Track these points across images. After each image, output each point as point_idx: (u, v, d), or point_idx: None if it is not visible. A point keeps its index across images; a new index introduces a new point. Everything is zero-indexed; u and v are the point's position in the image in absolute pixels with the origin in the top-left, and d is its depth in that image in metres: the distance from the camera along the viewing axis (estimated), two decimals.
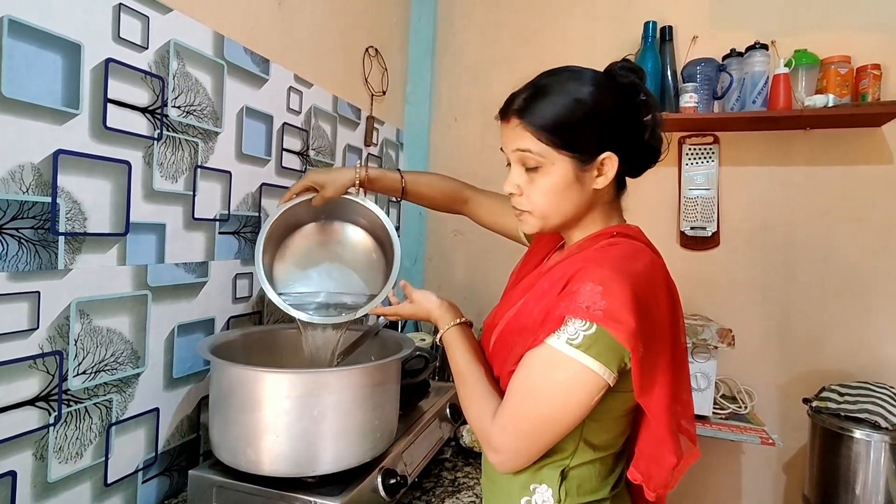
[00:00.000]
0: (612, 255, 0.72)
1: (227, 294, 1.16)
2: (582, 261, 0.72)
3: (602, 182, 0.75)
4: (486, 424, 0.73)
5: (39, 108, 0.76)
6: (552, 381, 0.68)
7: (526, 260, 0.95)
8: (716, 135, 1.78)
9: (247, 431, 0.84)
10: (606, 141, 0.73)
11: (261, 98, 1.22)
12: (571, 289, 0.68)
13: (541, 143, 0.73)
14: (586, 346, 0.65)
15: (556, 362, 0.67)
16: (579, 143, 0.72)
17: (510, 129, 0.76)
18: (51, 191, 0.78)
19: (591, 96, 0.72)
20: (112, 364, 0.89)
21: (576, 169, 0.73)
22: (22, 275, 0.74)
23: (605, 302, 0.65)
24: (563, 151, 0.72)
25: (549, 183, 0.74)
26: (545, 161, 0.73)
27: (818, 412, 1.48)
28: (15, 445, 0.75)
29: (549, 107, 0.72)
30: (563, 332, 0.67)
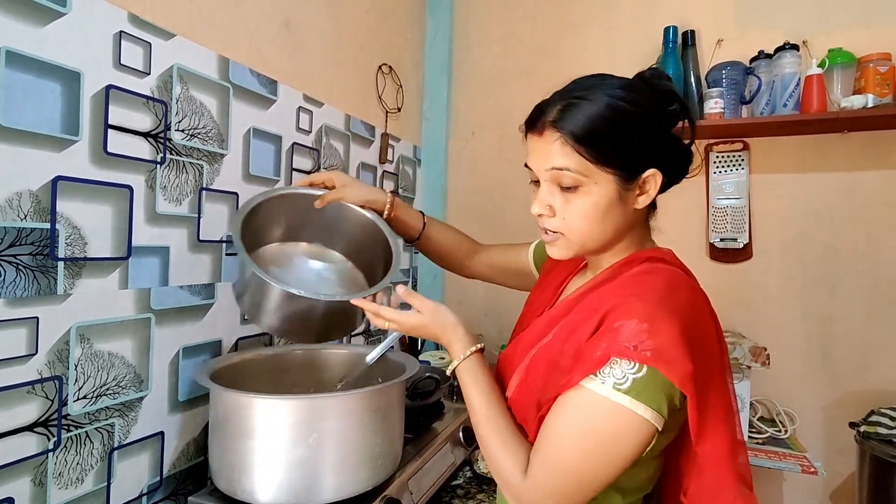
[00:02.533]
0: (651, 285, 0.64)
1: (235, 315, 1.15)
2: (618, 293, 0.64)
3: (644, 201, 0.68)
4: (515, 479, 0.64)
5: (38, 136, 0.77)
6: (598, 431, 0.60)
7: (543, 285, 0.88)
8: (745, 141, 1.69)
9: (242, 459, 0.82)
10: (651, 154, 0.67)
11: (269, 119, 1.23)
12: (612, 325, 0.61)
13: (582, 159, 0.64)
14: (637, 392, 0.58)
15: (601, 410, 0.59)
16: (624, 158, 0.65)
17: (544, 143, 0.67)
18: (49, 217, 0.79)
19: (633, 105, 0.65)
20: (114, 388, 0.89)
21: (619, 188, 0.65)
22: (20, 301, 0.75)
23: (654, 341, 0.58)
24: (607, 168, 0.64)
25: (590, 204, 0.66)
26: (586, 180, 0.65)
27: (867, 438, 1.36)
28: (13, 472, 0.75)
29: (590, 117, 0.64)
30: (607, 375, 0.59)
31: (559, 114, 0.65)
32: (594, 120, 0.64)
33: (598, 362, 0.60)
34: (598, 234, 0.68)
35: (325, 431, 0.83)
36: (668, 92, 0.69)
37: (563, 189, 0.67)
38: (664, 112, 0.69)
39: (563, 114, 0.65)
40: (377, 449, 0.89)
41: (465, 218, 2.08)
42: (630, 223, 0.70)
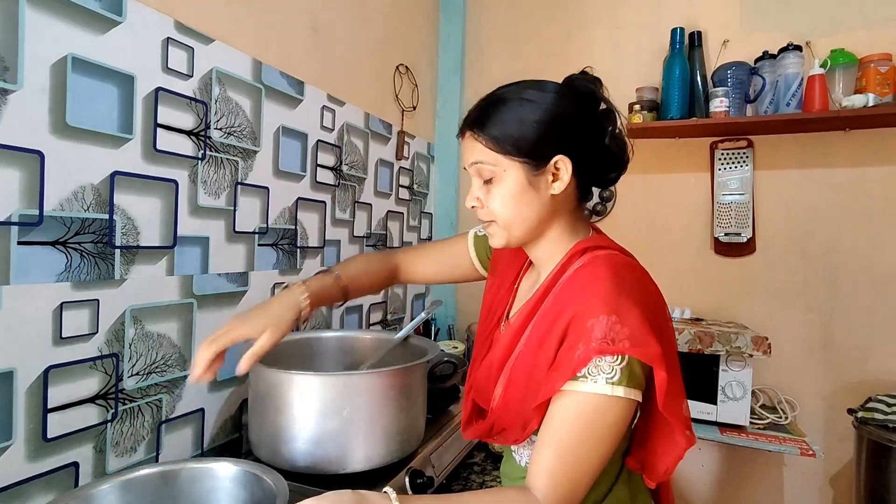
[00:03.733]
0: (601, 277, 0.69)
1: None
2: (576, 296, 0.69)
3: (559, 187, 0.73)
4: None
5: (98, 135, 0.84)
6: (605, 425, 0.65)
7: (496, 285, 0.90)
8: (749, 138, 1.75)
9: (281, 431, 0.90)
10: (559, 145, 0.71)
11: (296, 117, 1.30)
12: (584, 326, 0.65)
13: (490, 152, 0.72)
14: (626, 380, 0.64)
15: (601, 406, 0.64)
16: (527, 148, 0.71)
17: (465, 143, 0.76)
18: (108, 208, 0.86)
19: (542, 102, 0.71)
20: (162, 366, 0.97)
21: (528, 174, 0.72)
22: (84, 284, 0.83)
23: (626, 329, 0.64)
24: (513, 157, 0.71)
25: (505, 190, 0.72)
26: (497, 169, 0.72)
27: (864, 423, 1.42)
28: (78, 438, 0.83)
29: (499, 115, 0.72)
30: (596, 373, 0.64)
31: (475, 114, 0.74)
32: (497, 116, 0.72)
33: (579, 363, 0.64)
34: (519, 218, 0.73)
35: (356, 406, 0.90)
36: (589, 93, 0.75)
37: (484, 182, 0.74)
38: (585, 110, 0.74)
39: (474, 115, 0.74)
40: (402, 424, 0.96)
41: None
42: (552, 208, 0.74)
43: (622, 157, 0.77)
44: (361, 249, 1.62)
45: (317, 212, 1.40)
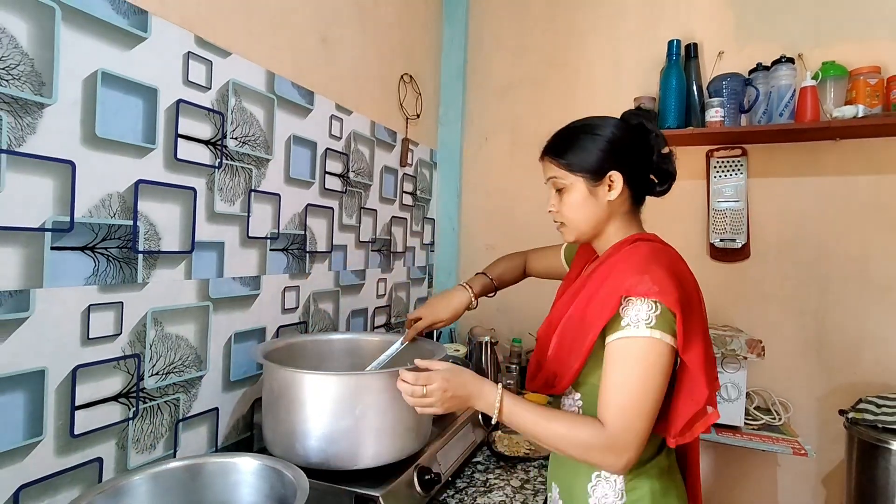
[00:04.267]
0: (639, 254, 0.87)
1: (277, 305, 1.27)
2: (618, 263, 0.88)
3: (613, 195, 0.91)
4: (600, 438, 0.80)
5: (124, 145, 0.89)
6: (648, 363, 0.79)
7: (569, 276, 1.10)
8: (744, 147, 1.81)
9: (295, 428, 0.94)
10: (612, 163, 0.91)
11: (306, 126, 1.35)
12: (620, 280, 0.83)
13: (561, 170, 0.93)
14: (660, 325, 0.79)
15: (643, 348, 0.80)
16: (588, 167, 0.91)
17: (544, 164, 0.97)
18: (133, 215, 0.91)
19: (600, 131, 0.92)
20: (180, 367, 1.01)
21: (588, 186, 0.92)
22: (109, 287, 0.87)
23: (653, 282, 0.80)
24: (577, 173, 0.92)
25: (571, 198, 0.93)
26: (566, 182, 0.93)
27: (855, 424, 1.47)
28: (102, 435, 0.87)
29: (567, 142, 0.94)
30: (637, 321, 0.80)
31: (550, 143, 0.97)
32: (565, 144, 0.93)
33: (615, 305, 0.82)
34: (583, 219, 0.93)
35: (367, 405, 0.94)
36: (639, 125, 0.94)
37: (557, 192, 0.96)
38: (637, 137, 0.93)
39: (550, 144, 0.97)
40: (411, 422, 1.00)
41: (478, 218, 2.20)
42: (608, 212, 0.93)
43: (669, 171, 0.95)
44: (367, 254, 1.67)
45: (325, 217, 1.45)
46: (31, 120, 0.76)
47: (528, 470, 1.25)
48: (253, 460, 0.79)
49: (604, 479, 0.88)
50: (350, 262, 1.58)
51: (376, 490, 0.92)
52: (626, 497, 0.87)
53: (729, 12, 1.83)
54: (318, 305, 1.43)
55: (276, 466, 0.77)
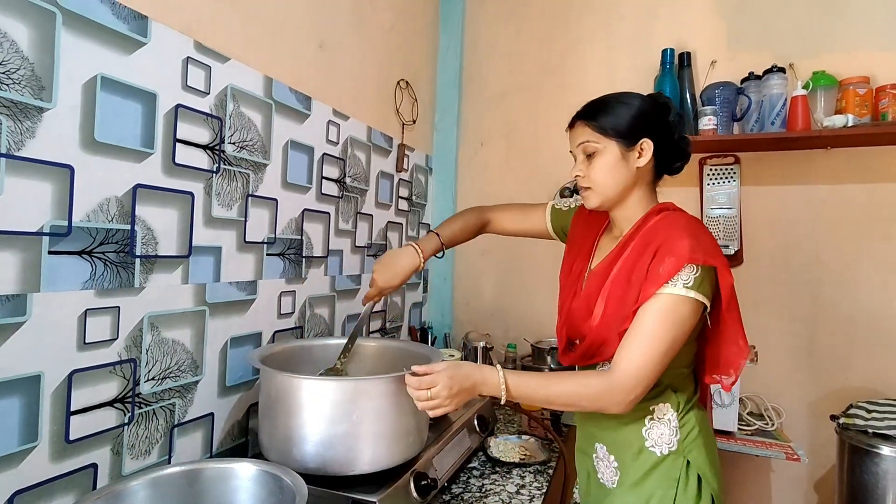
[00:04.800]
0: (680, 222, 0.93)
1: (273, 310, 1.27)
2: (661, 232, 0.92)
3: (642, 161, 0.97)
4: (608, 384, 0.87)
5: (123, 150, 0.89)
6: (676, 316, 0.86)
7: (575, 250, 1.12)
8: (736, 155, 1.83)
9: (292, 434, 0.94)
10: (644, 131, 0.97)
11: (303, 132, 1.35)
12: (672, 247, 0.88)
13: (596, 134, 0.97)
14: (697, 286, 0.87)
15: (676, 302, 0.87)
16: (623, 131, 0.96)
17: (574, 131, 1.01)
18: (130, 219, 0.90)
19: (633, 102, 0.98)
20: (175, 372, 1.00)
21: (622, 150, 0.96)
22: (106, 292, 0.87)
23: (701, 248, 0.87)
24: (612, 138, 0.96)
25: (603, 161, 0.97)
26: (599, 146, 0.97)
27: (846, 429, 1.48)
28: (97, 441, 0.86)
29: (603, 109, 0.98)
30: (677, 280, 0.86)
31: (584, 109, 1.01)
32: (602, 110, 0.98)
33: (672, 270, 0.87)
34: (612, 184, 0.97)
35: (365, 410, 0.94)
36: (665, 105, 1.01)
37: (587, 157, 0.99)
38: (662, 114, 0.99)
39: (584, 110, 1.01)
40: (408, 427, 1.00)
41: None
42: (635, 180, 0.98)
43: (686, 151, 1.02)
44: (362, 260, 1.67)
45: (321, 222, 1.45)
46: (30, 124, 0.76)
47: (523, 475, 1.25)
48: (251, 466, 0.79)
49: (657, 419, 0.96)
50: (346, 267, 1.58)
51: (373, 496, 0.92)
52: (680, 432, 0.95)
53: (722, 22, 1.86)
54: (313, 310, 1.43)
55: (275, 472, 0.77)
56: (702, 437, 0.96)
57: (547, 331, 2.03)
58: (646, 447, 0.96)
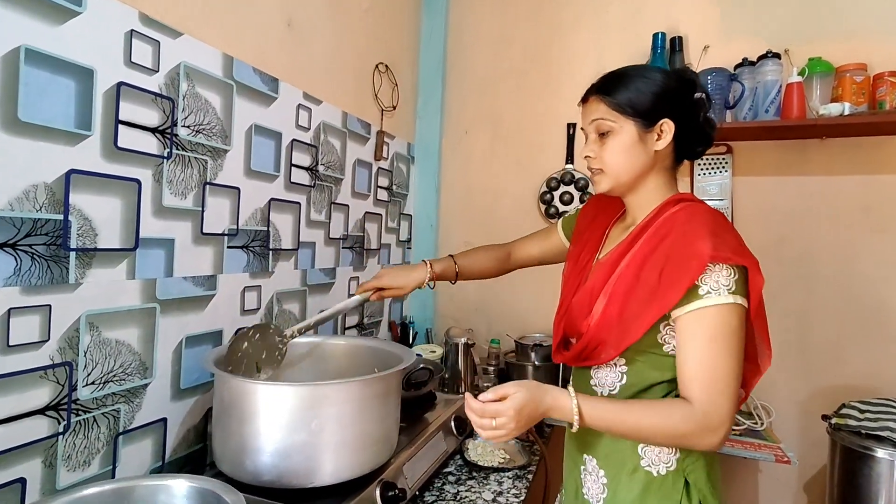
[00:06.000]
0: (700, 214, 0.83)
1: (236, 306, 1.19)
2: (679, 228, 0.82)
3: (661, 144, 0.88)
4: (692, 421, 0.77)
5: (52, 131, 0.80)
6: (731, 328, 0.78)
7: (583, 241, 1.03)
8: (729, 144, 1.76)
9: (245, 443, 0.86)
10: (665, 111, 0.87)
11: (269, 116, 1.26)
12: (693, 246, 0.78)
13: (612, 111, 0.87)
14: (739, 289, 0.78)
15: (728, 313, 0.78)
16: (642, 110, 0.86)
17: (588, 106, 0.91)
18: (63, 208, 0.82)
19: (656, 77, 0.88)
20: (120, 375, 0.92)
21: (639, 130, 0.87)
22: (34, 289, 0.78)
23: (727, 246, 0.78)
24: (629, 116, 0.86)
25: (618, 142, 0.88)
26: (615, 125, 0.87)
27: (838, 430, 1.43)
28: (25, 453, 0.78)
29: (621, 83, 0.88)
30: (718, 287, 0.77)
31: (600, 83, 0.91)
32: (620, 84, 0.88)
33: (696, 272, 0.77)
34: (625, 167, 0.88)
35: (326, 417, 0.87)
36: (691, 81, 0.91)
37: (600, 136, 0.89)
38: (686, 91, 0.89)
39: (601, 83, 0.91)
40: (374, 435, 0.93)
41: (457, 214, 2.12)
42: (651, 164, 0.89)
43: (710, 135, 0.92)
44: (337, 252, 1.59)
45: (291, 213, 1.36)
46: None
47: (501, 481, 1.18)
48: (187, 483, 0.71)
49: None
50: (319, 260, 1.49)
51: None
52: (680, 451, 0.86)
53: (715, 5, 1.78)
54: (282, 306, 1.35)
55: (215, 489, 0.69)
56: (704, 455, 0.87)
57: (531, 326, 1.96)
58: (641, 466, 0.87)
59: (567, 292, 0.99)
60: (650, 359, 0.86)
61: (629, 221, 0.96)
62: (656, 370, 0.86)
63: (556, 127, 1.98)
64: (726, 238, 0.79)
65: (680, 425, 0.77)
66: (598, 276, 0.91)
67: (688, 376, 0.79)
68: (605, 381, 0.91)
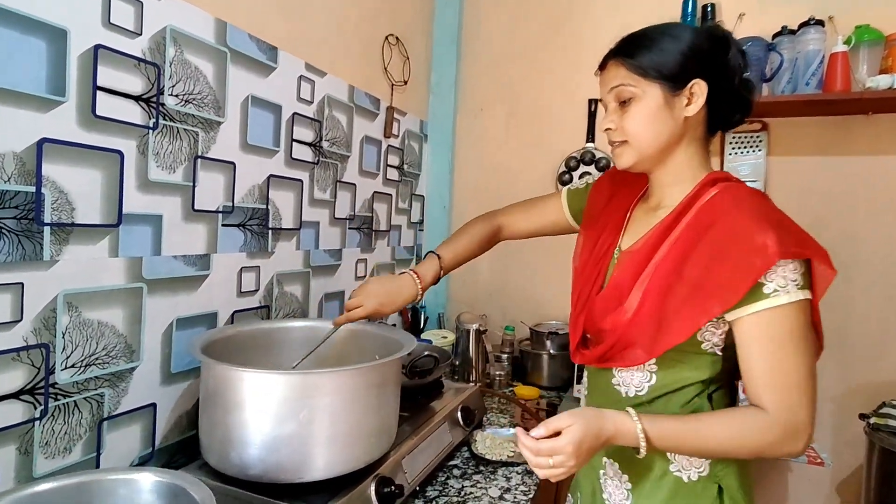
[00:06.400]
0: (750, 199, 0.74)
1: (232, 288, 1.13)
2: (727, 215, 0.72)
3: (692, 109, 0.77)
4: (776, 430, 0.70)
5: (21, 96, 0.74)
6: (804, 326, 0.70)
7: (599, 225, 0.92)
8: (764, 121, 1.63)
9: (231, 434, 0.80)
10: (695, 72, 0.76)
11: (268, 87, 1.19)
12: (751, 240, 0.68)
13: (633, 75, 0.77)
14: (808, 282, 0.70)
15: (798, 310, 0.69)
16: (668, 71, 0.76)
17: (606, 73, 0.81)
18: (35, 180, 0.76)
19: (682, 37, 0.77)
20: (104, 358, 0.87)
21: (666, 94, 0.76)
22: (3, 266, 0.73)
23: (793, 237, 0.69)
24: (653, 80, 0.76)
25: (642, 109, 0.77)
26: (637, 90, 0.77)
27: (876, 430, 1.32)
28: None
29: (643, 44, 0.78)
30: (786, 283, 0.68)
31: (620, 45, 0.81)
32: (641, 45, 0.78)
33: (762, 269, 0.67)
34: (652, 136, 0.78)
35: (316, 408, 0.81)
36: (723, 37, 0.79)
37: (621, 105, 0.79)
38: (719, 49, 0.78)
39: (620, 45, 0.81)
40: (370, 427, 0.87)
41: (471, 195, 2.04)
42: (682, 131, 0.79)
43: (749, 100, 0.81)
44: (344, 232, 1.52)
45: (292, 190, 1.30)
46: None
47: (509, 477, 1.11)
48: (153, 476, 0.66)
49: None
50: (323, 241, 1.43)
51: None
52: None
53: None
54: (283, 288, 1.29)
55: (182, 484, 0.63)
56: (736, 459, 0.79)
57: (547, 313, 1.88)
58: (670, 470, 0.78)
59: (584, 284, 0.89)
60: (685, 358, 0.77)
61: (654, 203, 0.86)
62: (692, 370, 0.77)
63: (576, 103, 1.86)
64: (789, 228, 0.70)
65: (760, 439, 0.70)
66: (626, 268, 0.81)
67: (760, 384, 0.71)
68: (631, 381, 0.81)
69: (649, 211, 0.86)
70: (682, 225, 0.77)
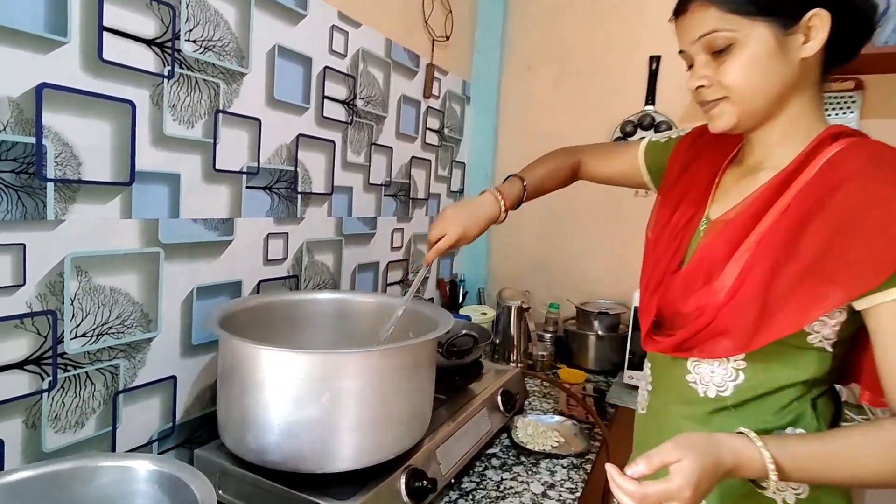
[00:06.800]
0: (885, 159, 0.60)
1: (258, 255, 1.05)
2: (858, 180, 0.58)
3: (813, 47, 0.62)
4: None
5: (17, 34, 0.65)
6: None
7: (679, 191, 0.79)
8: (859, 78, 1.41)
9: (248, 415, 0.73)
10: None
11: (297, 37, 1.08)
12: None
13: (729, 16, 0.62)
14: None
15: None
16: (775, 3, 0.61)
17: (688, 17, 0.66)
18: (35, 130, 0.68)
19: None
20: (118, 327, 0.81)
21: (777, 34, 0.62)
22: (3, 224, 0.66)
23: None
24: (760, 17, 0.61)
25: (747, 57, 0.62)
26: (737, 35, 0.62)
27: None
28: (1, 412, 0.68)
29: None
30: None
31: None
32: None
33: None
34: (761, 89, 0.64)
35: (340, 391, 0.72)
36: None
37: (715, 56, 0.65)
38: None
39: None
40: (401, 413, 0.78)
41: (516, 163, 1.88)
42: (796, 79, 0.64)
43: (872, 21, 0.65)
44: (379, 199, 1.42)
45: (323, 152, 1.20)
46: None
47: (553, 470, 1.01)
48: (150, 464, 0.59)
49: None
50: (357, 208, 1.34)
51: (347, 501, 0.70)
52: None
53: None
54: (313, 257, 1.21)
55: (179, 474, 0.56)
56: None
57: (595, 291, 1.74)
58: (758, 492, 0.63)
59: (660, 258, 0.76)
60: (785, 352, 0.63)
61: (752, 163, 0.71)
62: (790, 367, 0.64)
63: (635, 61, 1.67)
64: None
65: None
66: (718, 240, 0.68)
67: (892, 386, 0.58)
68: (711, 378, 0.68)
69: (746, 174, 0.71)
70: (794, 189, 0.63)
